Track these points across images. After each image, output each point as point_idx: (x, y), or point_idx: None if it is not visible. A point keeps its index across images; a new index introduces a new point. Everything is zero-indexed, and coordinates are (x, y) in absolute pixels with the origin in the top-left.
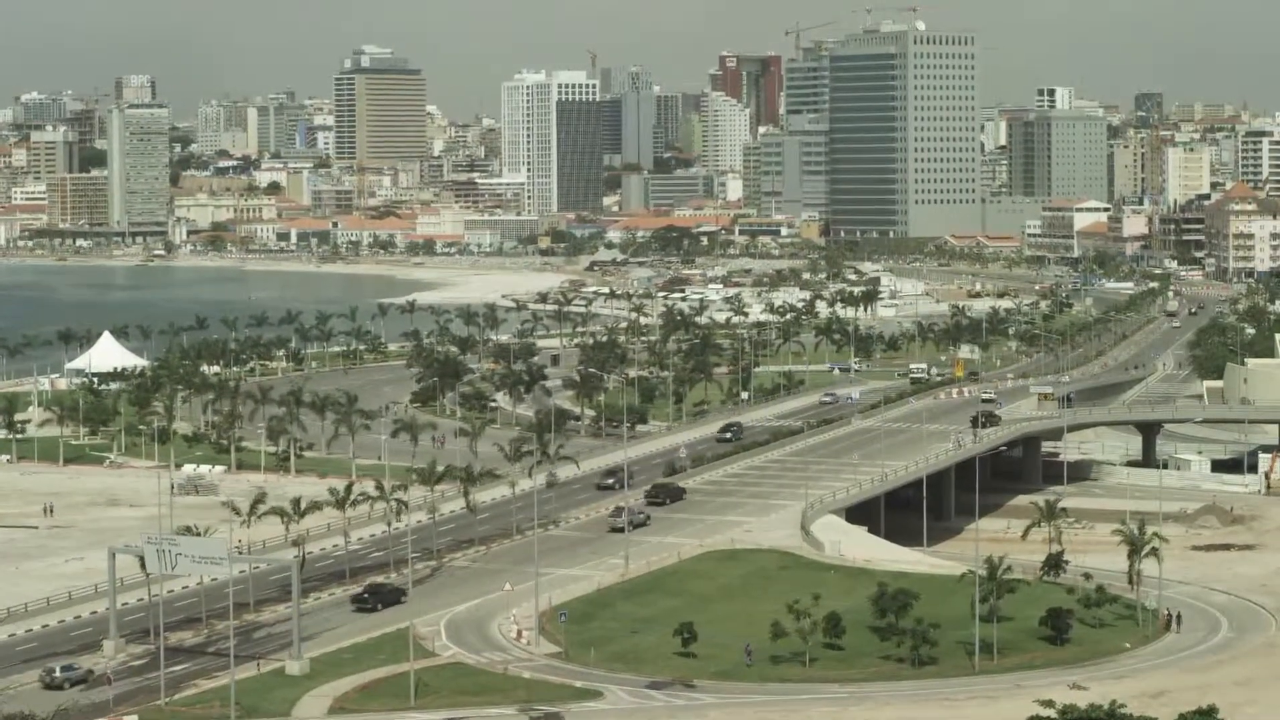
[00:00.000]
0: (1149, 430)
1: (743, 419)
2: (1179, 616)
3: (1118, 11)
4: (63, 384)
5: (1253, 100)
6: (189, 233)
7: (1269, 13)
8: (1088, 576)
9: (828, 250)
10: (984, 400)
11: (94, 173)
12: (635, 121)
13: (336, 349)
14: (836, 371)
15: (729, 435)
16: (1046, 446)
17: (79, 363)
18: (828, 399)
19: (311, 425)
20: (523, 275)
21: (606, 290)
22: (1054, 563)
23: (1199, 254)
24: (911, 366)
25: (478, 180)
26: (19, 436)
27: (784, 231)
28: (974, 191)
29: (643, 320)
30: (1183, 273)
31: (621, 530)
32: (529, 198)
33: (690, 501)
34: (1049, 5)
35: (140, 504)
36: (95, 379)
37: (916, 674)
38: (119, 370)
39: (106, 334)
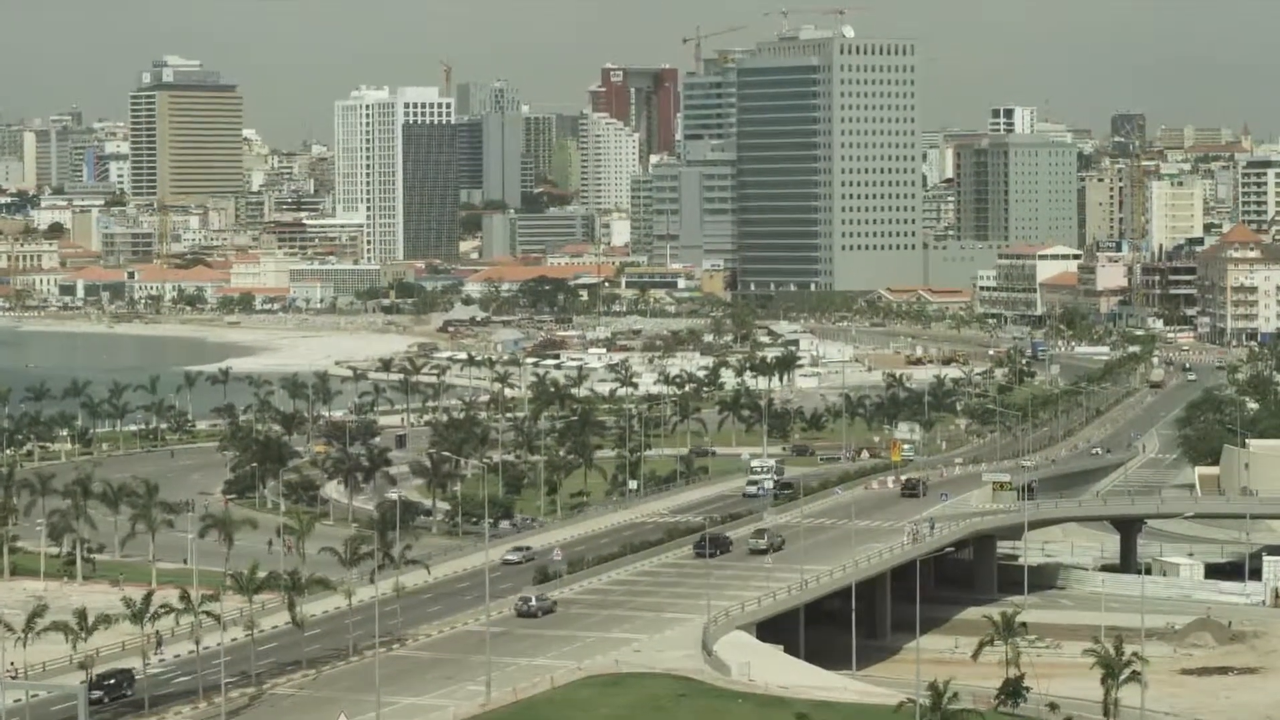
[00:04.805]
0: (1128, 528)
1: (633, 513)
2: None
3: (1090, 16)
4: None
5: (1255, 124)
6: None
7: (1273, 17)
8: (1054, 706)
9: (735, 307)
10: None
11: None
12: (499, 149)
13: (133, 428)
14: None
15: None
16: (1003, 547)
17: None
18: (513, 557)
19: (103, 521)
20: (361, 337)
21: (464, 356)
22: (1012, 690)
23: (1190, 311)
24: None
25: (306, 221)
26: None
27: (681, 284)
28: (914, 235)
29: (508, 393)
30: (1170, 334)
31: (764, 551)
32: (369, 242)
33: (566, 614)
34: (1006, 7)
35: None
36: None
37: None
38: None
39: None
